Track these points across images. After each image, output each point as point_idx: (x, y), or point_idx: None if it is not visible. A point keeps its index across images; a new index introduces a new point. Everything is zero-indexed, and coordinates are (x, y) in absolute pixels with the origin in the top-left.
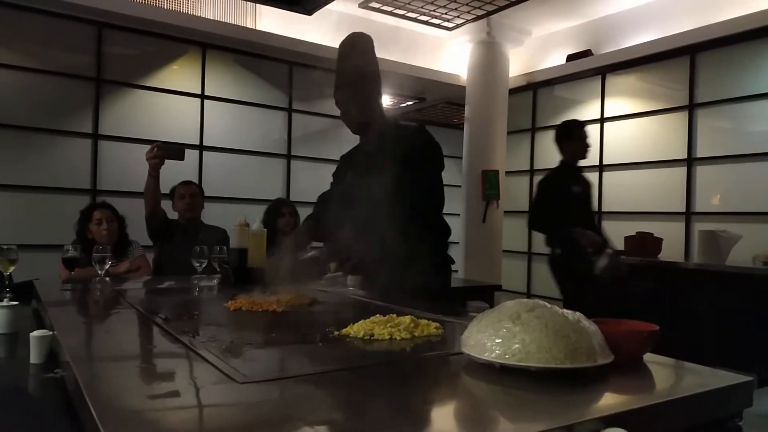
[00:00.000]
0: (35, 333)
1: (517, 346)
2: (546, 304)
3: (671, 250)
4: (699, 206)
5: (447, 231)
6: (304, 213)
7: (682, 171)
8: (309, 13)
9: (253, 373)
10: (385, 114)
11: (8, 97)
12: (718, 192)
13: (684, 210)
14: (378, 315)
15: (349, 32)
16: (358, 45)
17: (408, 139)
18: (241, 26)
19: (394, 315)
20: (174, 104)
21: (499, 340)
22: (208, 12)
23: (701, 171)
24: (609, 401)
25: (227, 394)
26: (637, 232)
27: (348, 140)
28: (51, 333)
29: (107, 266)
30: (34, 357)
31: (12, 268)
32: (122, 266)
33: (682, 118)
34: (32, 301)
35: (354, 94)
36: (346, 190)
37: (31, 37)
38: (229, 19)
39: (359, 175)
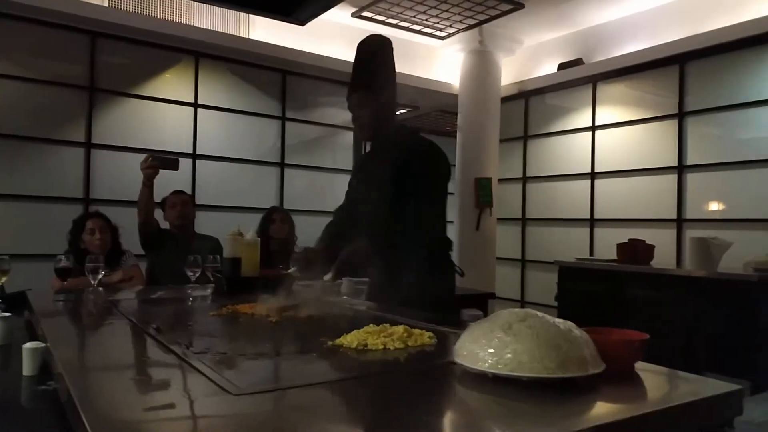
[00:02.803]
0: (28, 345)
1: (509, 356)
2: (538, 313)
3: (663, 257)
4: (690, 213)
5: (449, 242)
6: (297, 221)
7: (672, 178)
8: (302, 23)
9: (247, 384)
10: (397, 122)
11: (1, 107)
12: (709, 199)
13: (675, 217)
14: (371, 325)
15: (340, 41)
16: (375, 48)
17: (418, 151)
18: (234, 35)
19: (388, 325)
20: (167, 113)
21: (492, 350)
22: (201, 21)
23: (692, 178)
24: (600, 410)
25: (221, 406)
26: (629, 239)
27: (341, 148)
28: (44, 345)
29: (100, 276)
30: (27, 369)
31: (4, 279)
32: (115, 276)
33: (672, 126)
34: (24, 312)
35: (368, 100)
36: (355, 198)
37: (24, 47)
38: (222, 29)
39: (367, 184)
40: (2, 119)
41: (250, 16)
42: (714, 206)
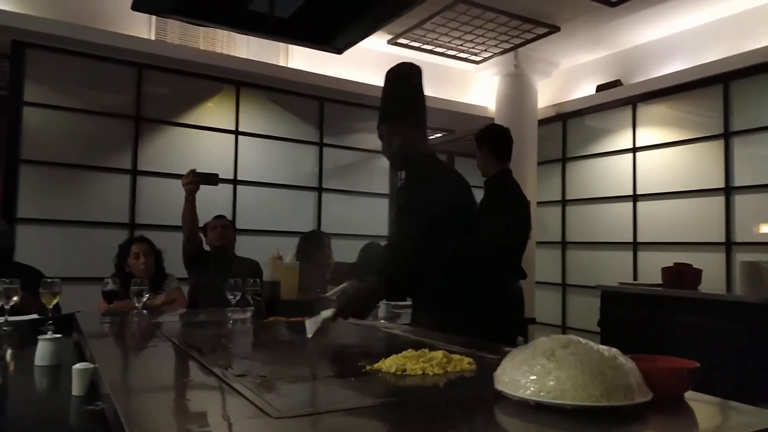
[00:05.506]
0: (77, 366)
1: (552, 383)
2: (581, 339)
3: (711, 282)
4: (739, 236)
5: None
6: (335, 245)
7: (720, 200)
8: (339, 52)
9: (287, 407)
10: (428, 150)
11: (53, 136)
12: (759, 221)
13: (724, 240)
14: (410, 350)
15: (377, 68)
16: (404, 76)
17: (447, 182)
18: (273, 64)
19: (427, 350)
20: (209, 140)
21: (534, 377)
22: (242, 51)
23: (740, 200)
24: None
25: (262, 429)
26: (674, 263)
27: (378, 173)
28: (92, 366)
29: (144, 299)
30: (76, 389)
31: (55, 301)
32: (158, 299)
33: (717, 146)
34: (73, 334)
35: (397, 129)
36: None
37: (76, 79)
38: (262, 58)
39: (397, 215)
40: (54, 148)
41: (289, 45)
42: (765, 229)
